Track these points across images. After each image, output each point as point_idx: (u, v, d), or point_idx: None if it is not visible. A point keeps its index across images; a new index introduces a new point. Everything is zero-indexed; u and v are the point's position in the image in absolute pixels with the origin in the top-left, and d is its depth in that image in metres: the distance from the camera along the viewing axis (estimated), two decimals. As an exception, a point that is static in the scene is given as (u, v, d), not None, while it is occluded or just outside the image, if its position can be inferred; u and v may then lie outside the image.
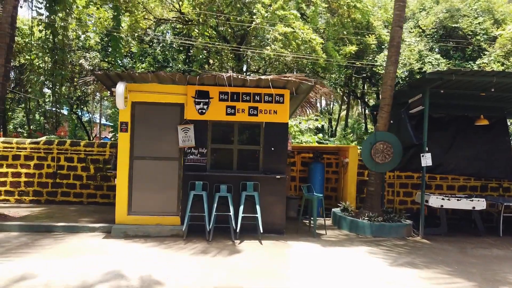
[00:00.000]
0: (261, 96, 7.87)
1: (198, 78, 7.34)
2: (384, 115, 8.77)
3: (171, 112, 7.84)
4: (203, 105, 7.77)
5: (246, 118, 7.85)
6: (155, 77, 7.32)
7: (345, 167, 10.01)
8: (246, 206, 7.65)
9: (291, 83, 7.42)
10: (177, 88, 7.78)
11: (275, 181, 7.86)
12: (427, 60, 19.47)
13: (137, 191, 7.74)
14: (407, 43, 20.00)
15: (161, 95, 7.75)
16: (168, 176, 7.79)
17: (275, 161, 7.92)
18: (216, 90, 7.80)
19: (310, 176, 10.07)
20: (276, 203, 7.89)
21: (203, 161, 7.83)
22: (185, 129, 7.77)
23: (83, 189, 10.24)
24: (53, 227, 7.58)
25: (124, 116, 7.69)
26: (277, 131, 7.92)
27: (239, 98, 7.84)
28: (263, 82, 7.43)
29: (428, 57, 19.58)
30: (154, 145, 7.79)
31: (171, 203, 7.80)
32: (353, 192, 9.81)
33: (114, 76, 7.27)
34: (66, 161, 10.20)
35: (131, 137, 7.73)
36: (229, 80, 7.33)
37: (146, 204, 7.74)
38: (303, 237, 7.81)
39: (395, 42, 8.75)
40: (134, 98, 7.71)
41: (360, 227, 8.30)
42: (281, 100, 7.89)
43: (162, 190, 7.78)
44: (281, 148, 7.94)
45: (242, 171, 7.93)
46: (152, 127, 7.79)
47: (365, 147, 8.79)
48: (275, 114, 7.89)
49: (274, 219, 7.88)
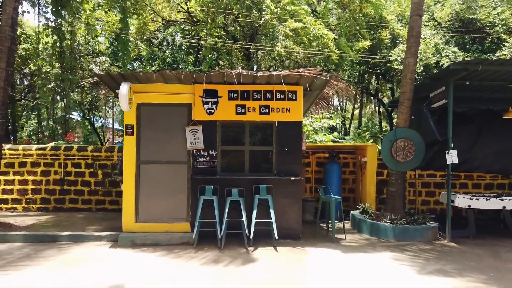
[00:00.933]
0: (272, 93, 7.42)
1: (205, 76, 6.93)
2: (405, 111, 8.23)
3: (178, 113, 7.44)
4: (212, 105, 7.35)
5: (257, 117, 7.41)
6: (160, 76, 6.94)
7: (363, 166, 9.48)
8: (260, 210, 7.20)
9: (305, 79, 6.95)
10: (184, 87, 7.38)
11: (290, 183, 7.40)
12: (444, 53, 18.76)
13: (144, 197, 7.36)
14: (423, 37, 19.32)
15: (167, 95, 7.36)
16: (177, 181, 7.40)
17: (289, 162, 7.45)
18: (225, 89, 7.38)
19: (326, 177, 9.57)
20: (292, 207, 7.42)
21: (213, 164, 7.41)
22: (193, 131, 7.36)
23: (91, 195, 9.93)
24: (58, 237, 7.24)
25: (129, 119, 7.33)
26: (290, 130, 7.46)
27: (249, 96, 7.40)
28: (275, 78, 6.98)
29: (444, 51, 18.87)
30: (161, 148, 7.40)
31: (180, 209, 7.40)
32: (373, 193, 9.27)
33: (117, 76, 6.91)
34: (73, 167, 9.91)
35: (137, 140, 7.36)
36: (238, 77, 6.90)
37: (154, 210, 7.35)
38: (321, 243, 7.32)
39: (414, 32, 8.20)
40: (139, 100, 7.34)
41: (381, 230, 7.77)
42: (294, 97, 7.43)
43: (170, 195, 7.38)
44: (295, 148, 7.47)
45: (255, 174, 7.49)
46: (159, 129, 7.41)
47: (385, 145, 8.26)
48: (288, 112, 7.43)
49: (289, 224, 7.41)
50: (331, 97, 8.22)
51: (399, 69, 18.19)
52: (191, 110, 7.41)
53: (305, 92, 7.61)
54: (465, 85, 7.91)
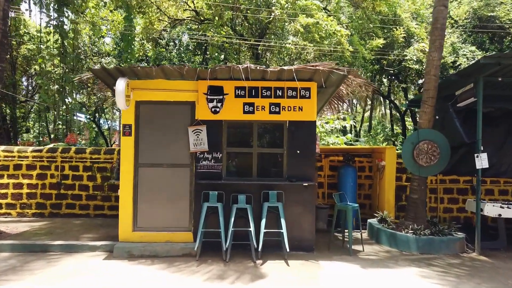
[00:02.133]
0: (283, 90, 6.76)
1: (209, 71, 6.30)
2: (428, 110, 7.51)
3: (181, 111, 6.82)
4: (217, 103, 6.72)
5: (267, 116, 6.75)
6: (160, 71, 6.32)
7: (381, 171, 8.76)
8: (269, 219, 6.54)
9: (319, 74, 6.29)
10: (187, 84, 6.76)
11: (302, 189, 6.72)
12: (461, 52, 17.99)
13: (143, 204, 6.74)
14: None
15: (168, 92, 6.75)
16: (178, 186, 6.76)
17: (302, 166, 6.78)
18: (231, 85, 6.74)
19: (341, 182, 8.87)
20: (304, 215, 6.74)
21: (218, 167, 6.76)
22: (197, 131, 6.73)
23: (89, 200, 9.34)
24: (49, 247, 6.64)
25: (127, 118, 6.72)
26: (303, 131, 6.79)
27: (258, 93, 6.75)
28: (286, 73, 6.32)
29: (462, 50, 18.09)
30: (162, 150, 6.78)
31: (182, 216, 6.76)
32: (392, 199, 8.55)
33: (113, 71, 6.31)
34: (71, 170, 9.34)
35: (136, 142, 6.75)
36: (246, 72, 6.26)
37: (154, 218, 6.72)
38: (337, 255, 6.62)
39: (439, 24, 7.49)
40: (138, 97, 6.74)
41: (403, 242, 7.04)
42: (307, 94, 6.76)
43: (171, 202, 6.75)
44: (308, 151, 6.80)
45: (263, 179, 6.84)
46: (159, 130, 6.79)
47: (406, 148, 7.55)
48: (301, 111, 6.76)
49: (302, 234, 6.73)
50: (347, 95, 7.54)
51: (414, 68, 17.45)
52: (194, 109, 6.79)
53: (319, 89, 6.95)
54: (492, 83, 7.19)
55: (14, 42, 16.09)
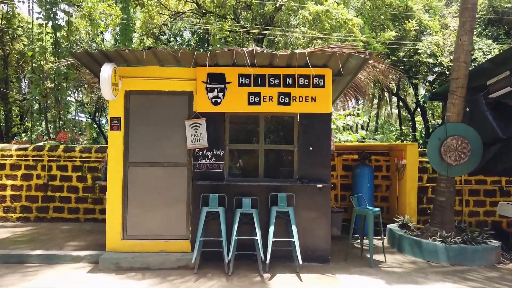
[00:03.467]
0: (294, 78, 5.90)
1: (209, 55, 5.45)
2: (457, 101, 6.63)
3: (177, 103, 5.98)
4: (218, 93, 5.87)
5: (275, 108, 5.90)
6: (152, 55, 5.48)
7: (401, 170, 7.89)
8: (278, 226, 5.69)
9: (336, 58, 5.42)
10: (183, 71, 5.92)
11: (316, 191, 5.86)
12: (477, 46, 17.07)
13: (134, 208, 5.90)
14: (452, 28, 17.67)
15: (162, 81, 5.91)
16: (174, 188, 5.92)
17: (315, 165, 5.92)
18: (234, 72, 5.89)
19: (356, 183, 8.00)
20: (318, 221, 5.89)
21: (219, 166, 5.91)
22: (195, 125, 5.89)
23: (79, 203, 8.52)
24: (27, 257, 5.82)
25: (115, 110, 5.89)
26: (316, 125, 5.93)
27: (265, 82, 5.90)
28: (298, 57, 5.47)
29: (477, 43, 17.18)
30: (155, 147, 5.95)
31: (178, 223, 5.92)
32: (414, 202, 7.66)
33: (98, 55, 5.47)
34: (59, 170, 8.52)
35: (125, 137, 5.92)
36: (252, 56, 5.41)
37: (146, 225, 5.89)
38: (356, 267, 5.76)
39: (469, 4, 6.61)
40: (128, 86, 5.91)
41: (431, 251, 6.17)
42: (321, 83, 5.91)
43: (166, 206, 5.91)
44: (322, 148, 5.94)
45: (271, 179, 5.99)
46: (152, 124, 5.96)
47: (433, 144, 6.68)
48: (314, 102, 5.91)
49: (315, 243, 5.87)
50: (365, 85, 6.68)
51: (427, 62, 16.58)
52: (192, 100, 5.95)
53: (334, 77, 6.09)
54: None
55: (7, 36, 15.35)
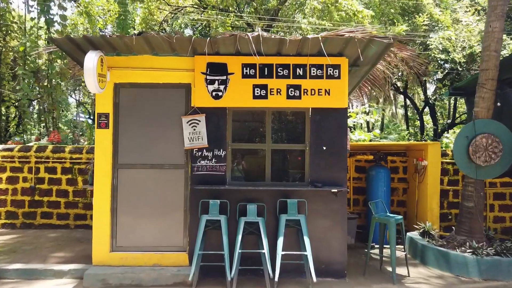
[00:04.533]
0: (305, 68, 5.21)
1: (208, 41, 4.75)
2: (487, 95, 5.92)
3: (172, 97, 5.30)
4: (219, 85, 5.18)
5: (284, 102, 5.20)
6: (143, 41, 4.79)
7: (421, 172, 7.18)
8: (288, 236, 4.99)
9: (354, 44, 4.72)
10: (180, 61, 5.23)
11: (331, 197, 5.16)
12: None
13: (124, 216, 5.22)
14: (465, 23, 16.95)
15: (156, 72, 5.23)
16: (169, 193, 5.23)
17: (330, 167, 5.22)
18: (237, 62, 5.20)
19: (371, 186, 7.30)
20: (333, 231, 5.19)
21: (221, 168, 5.22)
22: (193, 122, 5.20)
23: (69, 208, 7.85)
24: (3, 272, 5.14)
25: (103, 105, 5.21)
26: (330, 121, 5.24)
27: (272, 72, 5.21)
28: (311, 44, 4.77)
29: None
30: (148, 147, 5.26)
31: (174, 233, 5.23)
32: (436, 208, 6.95)
33: (82, 42, 4.79)
34: (47, 172, 7.85)
35: (114, 136, 5.24)
36: (258, 42, 4.71)
37: (138, 235, 5.20)
38: (377, 283, 5.06)
39: (500, -15, 5.90)
40: (118, 78, 5.23)
41: (459, 264, 5.45)
42: (336, 73, 5.21)
43: (160, 213, 5.22)
44: (337, 147, 5.24)
45: (280, 183, 5.31)
46: (145, 120, 5.28)
47: (459, 143, 5.97)
48: (328, 95, 5.21)
49: (330, 255, 5.17)
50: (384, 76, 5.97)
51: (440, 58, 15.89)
52: (190, 93, 5.26)
53: (350, 67, 5.39)
54: None
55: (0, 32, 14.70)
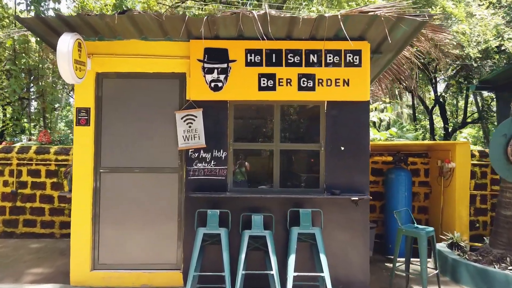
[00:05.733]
0: (320, 55, 4.43)
1: (206, 20, 3.97)
2: (529, 87, 5.14)
3: (164, 89, 4.54)
4: (218, 75, 4.41)
5: (295, 95, 4.43)
6: (127, 21, 4.01)
7: (447, 175, 6.38)
8: (300, 252, 4.21)
9: (380, 24, 3.94)
10: (173, 46, 4.48)
11: (350, 205, 4.39)
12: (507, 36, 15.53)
13: (107, 229, 4.46)
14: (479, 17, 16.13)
15: (145, 60, 4.47)
16: (161, 201, 4.47)
17: (349, 170, 4.45)
18: (240, 47, 4.43)
19: (390, 191, 6.51)
20: (354, 245, 4.41)
21: (221, 172, 4.45)
22: (189, 118, 4.44)
23: (54, 215, 7.10)
24: (-34, 294, 4.41)
25: (83, 98, 4.46)
26: (350, 117, 4.46)
27: (281, 59, 4.43)
28: (328, 24, 3.99)
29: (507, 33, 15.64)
30: (136, 147, 4.50)
31: (166, 248, 4.46)
32: (465, 215, 6.15)
33: (55, 22, 4.03)
34: (30, 175, 7.11)
35: (96, 134, 4.48)
36: (264, 22, 3.93)
37: (124, 250, 4.44)
38: (406, 308, 4.27)
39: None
40: (101, 67, 4.47)
41: (501, 282, 4.64)
42: (357, 60, 4.43)
43: (151, 225, 4.46)
44: (358, 147, 4.47)
45: (290, 190, 4.55)
46: (132, 116, 4.52)
47: (496, 142, 5.17)
48: (346, 86, 4.43)
49: (350, 274, 4.39)
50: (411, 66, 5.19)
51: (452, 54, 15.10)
52: (184, 84, 4.50)
53: (371, 55, 4.61)
54: None
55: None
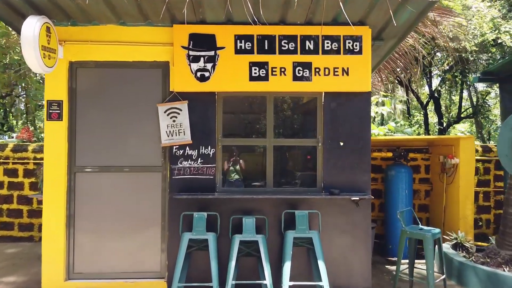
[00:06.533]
0: (317, 41, 4.04)
1: (189, 1, 3.55)
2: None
3: (146, 79, 4.12)
4: (205, 63, 4.00)
5: (289, 85, 4.04)
6: (101, 3, 3.57)
7: (450, 172, 6.04)
8: (296, 258, 3.84)
9: (383, 5, 3.54)
10: (155, 32, 4.05)
11: (351, 206, 4.01)
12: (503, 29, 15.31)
13: (83, 234, 4.03)
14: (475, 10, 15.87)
15: (125, 47, 4.05)
16: (143, 203, 4.06)
17: (349, 168, 4.07)
18: (229, 33, 4.02)
19: (389, 188, 6.15)
20: (355, 250, 4.04)
21: (209, 171, 4.04)
22: (173, 112, 4.03)
23: (33, 217, 6.64)
24: None
25: (55, 90, 4.02)
26: (350, 110, 4.08)
27: (274, 47, 4.03)
28: (325, 7, 3.58)
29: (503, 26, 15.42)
30: (114, 144, 4.08)
31: (149, 254, 4.06)
32: (470, 214, 5.82)
33: (20, 4, 3.58)
34: (6, 175, 6.65)
35: (70, 130, 4.05)
36: (256, 5, 3.52)
37: (102, 258, 4.02)
38: (412, 318, 3.91)
39: None
40: (74, 56, 4.04)
41: (512, 288, 4.32)
42: (357, 47, 4.04)
43: (131, 230, 4.05)
44: (359, 142, 4.09)
45: (285, 189, 4.16)
46: (110, 110, 4.09)
47: (504, 137, 4.83)
48: (346, 75, 4.04)
49: (351, 280, 4.02)
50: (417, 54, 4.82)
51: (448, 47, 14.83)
52: (168, 75, 4.08)
53: (372, 42, 4.22)
54: None
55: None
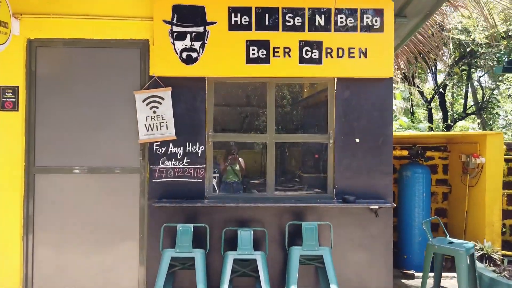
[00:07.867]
0: (328, 16, 3.33)
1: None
2: None
3: (121, 61, 3.41)
4: (193, 41, 3.29)
5: (295, 69, 3.33)
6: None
7: (474, 173, 5.34)
8: (303, 280, 3.15)
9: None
10: (132, 3, 3.34)
11: (368, 216, 3.33)
12: (523, 18, 14.74)
13: (44, 249, 3.34)
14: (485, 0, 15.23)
15: (96, 22, 3.34)
16: (117, 212, 3.36)
17: (366, 170, 3.37)
18: (222, 5, 3.31)
19: (404, 190, 5.45)
20: (373, 268, 3.36)
21: (197, 173, 3.34)
22: (153, 101, 3.32)
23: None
24: None
25: (9, 74, 3.32)
26: (367, 100, 3.39)
27: (277, 22, 3.33)
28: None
29: (514, 17, 14.80)
30: (83, 140, 3.37)
31: (124, 273, 3.36)
32: (497, 221, 5.13)
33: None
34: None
35: (28, 123, 3.34)
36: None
37: (68, 277, 3.33)
38: None
39: None
40: (34, 32, 3.33)
41: (556, 312, 3.64)
42: (377, 23, 3.34)
43: (103, 244, 3.35)
44: (378, 139, 3.39)
45: (289, 195, 3.47)
46: (78, 99, 3.39)
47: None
48: (363, 57, 3.34)
49: (367, 306, 3.34)
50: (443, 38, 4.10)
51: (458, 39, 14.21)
52: (147, 55, 3.37)
53: (394, 18, 3.51)
54: None
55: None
